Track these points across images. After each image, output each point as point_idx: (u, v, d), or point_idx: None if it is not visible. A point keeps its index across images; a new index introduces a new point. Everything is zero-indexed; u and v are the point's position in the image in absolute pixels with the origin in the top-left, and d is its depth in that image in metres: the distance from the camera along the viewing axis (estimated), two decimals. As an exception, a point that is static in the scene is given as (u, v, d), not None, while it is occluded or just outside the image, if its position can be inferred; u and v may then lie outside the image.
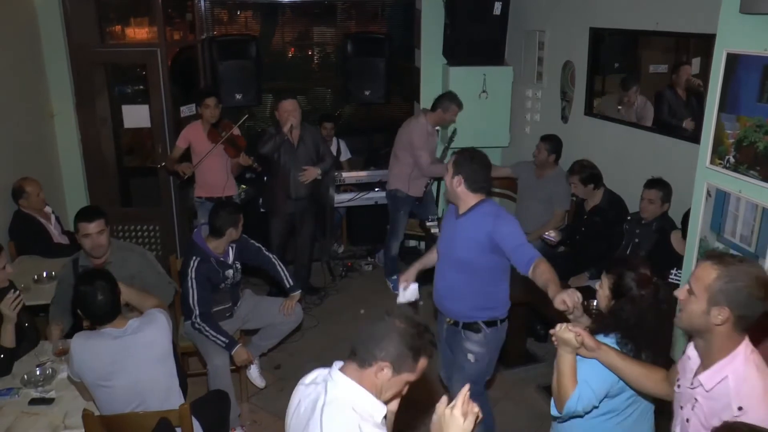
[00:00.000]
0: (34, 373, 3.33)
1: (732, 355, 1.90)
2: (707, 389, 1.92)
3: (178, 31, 6.75)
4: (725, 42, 3.03)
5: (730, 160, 3.04)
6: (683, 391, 2.05)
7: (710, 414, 1.90)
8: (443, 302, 3.46)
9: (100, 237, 3.69)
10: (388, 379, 2.00)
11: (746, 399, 1.83)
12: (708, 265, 1.91)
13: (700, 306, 1.91)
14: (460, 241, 3.25)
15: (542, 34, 5.78)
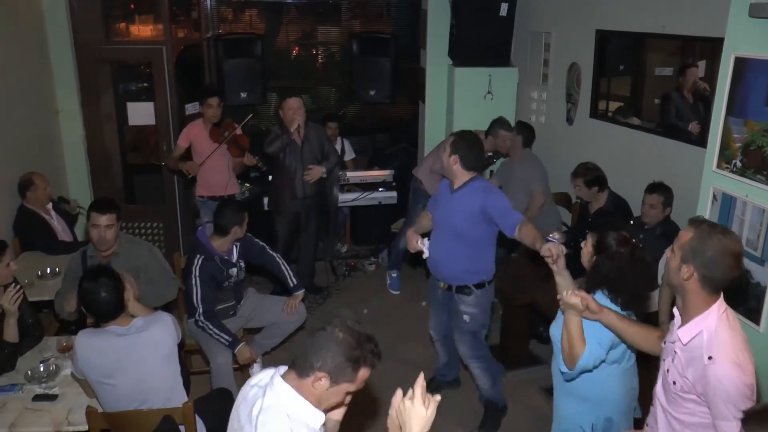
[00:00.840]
0: (37, 369, 3.34)
1: (706, 313, 2.10)
2: (684, 343, 2.14)
3: (184, 29, 6.75)
4: (734, 46, 3.02)
5: (736, 164, 3.04)
6: (666, 346, 2.29)
7: (686, 364, 2.13)
8: (438, 267, 3.88)
9: (108, 231, 3.71)
10: (325, 389, 2.00)
11: (715, 349, 2.04)
12: (688, 228, 2.16)
13: (675, 262, 2.14)
14: (456, 212, 3.69)
15: (548, 36, 5.78)
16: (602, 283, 2.66)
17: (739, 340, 2.08)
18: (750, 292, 3.03)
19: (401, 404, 1.85)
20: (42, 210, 4.91)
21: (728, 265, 2.05)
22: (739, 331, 2.10)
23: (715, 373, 2.02)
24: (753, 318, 3.04)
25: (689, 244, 2.11)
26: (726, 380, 2.01)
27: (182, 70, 6.10)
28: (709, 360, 2.04)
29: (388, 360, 4.65)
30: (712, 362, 2.04)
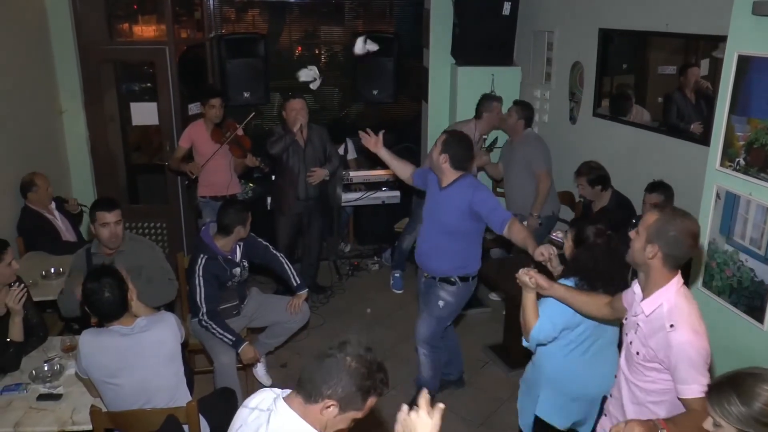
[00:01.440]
0: (42, 368, 3.35)
1: (666, 287, 2.30)
2: (647, 314, 2.33)
3: (186, 29, 6.76)
4: (737, 44, 3.02)
5: (740, 162, 3.04)
6: (629, 321, 2.48)
7: (649, 334, 2.33)
8: (426, 261, 3.96)
9: (118, 227, 3.75)
10: (333, 417, 1.96)
11: (676, 318, 2.25)
12: (652, 212, 2.33)
13: (640, 243, 2.31)
14: (445, 208, 3.77)
15: (551, 35, 5.77)
16: (580, 272, 2.88)
17: (695, 311, 2.31)
18: (753, 290, 3.03)
19: (406, 419, 1.84)
20: (45, 210, 4.92)
21: (688, 244, 2.26)
22: (695, 303, 2.34)
23: (677, 339, 2.22)
24: (756, 317, 3.03)
25: (654, 226, 2.28)
26: (687, 345, 2.22)
27: (185, 70, 6.10)
28: (671, 328, 2.25)
29: (391, 359, 4.67)
30: (673, 330, 2.24)
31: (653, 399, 2.40)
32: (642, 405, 2.44)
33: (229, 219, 4.01)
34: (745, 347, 3.12)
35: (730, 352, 3.22)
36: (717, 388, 1.88)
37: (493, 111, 5.38)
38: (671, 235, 2.25)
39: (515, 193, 5.34)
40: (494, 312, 5.56)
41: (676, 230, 2.25)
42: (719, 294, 3.25)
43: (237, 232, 4.03)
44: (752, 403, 1.79)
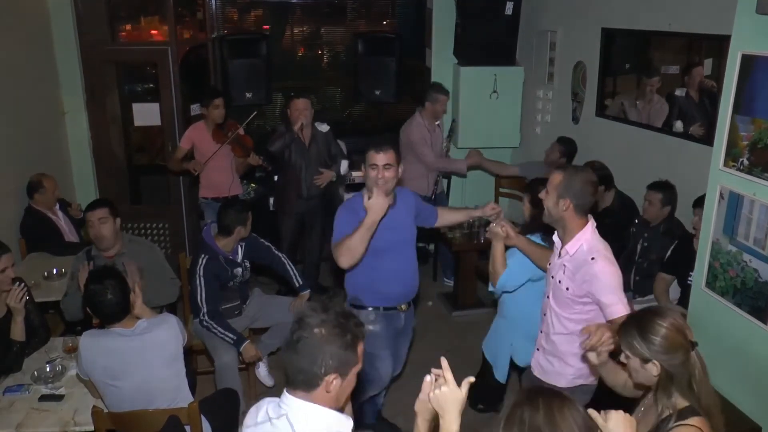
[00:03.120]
0: (44, 369, 3.35)
1: (583, 231, 2.76)
2: (571, 254, 2.78)
3: (189, 29, 6.75)
4: (740, 43, 3.01)
5: (744, 162, 3.02)
6: (554, 264, 2.91)
7: (575, 270, 2.76)
8: (405, 288, 3.60)
9: (103, 227, 3.75)
10: (339, 386, 1.92)
11: (595, 253, 2.72)
12: (556, 173, 2.77)
13: (552, 200, 2.75)
14: (404, 223, 3.51)
15: (554, 35, 5.76)
16: (538, 230, 3.32)
17: (608, 249, 2.79)
18: (757, 291, 3.01)
19: (434, 393, 1.81)
20: (49, 211, 4.92)
21: (591, 192, 2.74)
22: (606, 243, 2.82)
23: (598, 268, 2.69)
24: (760, 317, 3.02)
25: (562, 184, 2.72)
26: (607, 272, 2.69)
27: (187, 71, 6.10)
28: (592, 260, 2.71)
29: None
30: (594, 261, 2.70)
31: (576, 327, 2.78)
32: (571, 334, 2.86)
33: (230, 219, 4.01)
34: (749, 348, 3.11)
35: (734, 352, 3.21)
36: (624, 326, 2.14)
37: (437, 103, 5.47)
38: (577, 188, 2.70)
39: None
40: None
41: (581, 183, 2.71)
42: (723, 294, 3.23)
43: (238, 233, 4.03)
44: (650, 337, 2.04)
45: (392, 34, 6.54)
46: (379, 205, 3.11)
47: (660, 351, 2.02)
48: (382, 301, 3.51)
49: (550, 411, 1.59)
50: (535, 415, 1.59)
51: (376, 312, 3.50)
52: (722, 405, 3.18)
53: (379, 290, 3.47)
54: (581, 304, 2.80)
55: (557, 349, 2.95)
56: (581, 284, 2.74)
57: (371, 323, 3.45)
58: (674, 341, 2.03)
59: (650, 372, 2.07)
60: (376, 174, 3.25)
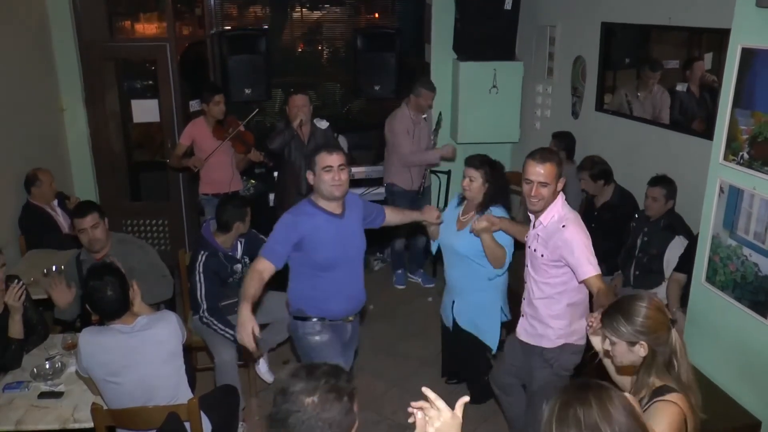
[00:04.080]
0: (43, 366, 3.35)
1: (554, 204, 3.05)
2: (545, 224, 3.07)
3: (188, 26, 6.75)
4: (740, 37, 2.99)
5: (744, 156, 3.01)
6: (530, 235, 3.19)
7: (548, 237, 3.04)
8: (359, 299, 3.49)
9: (95, 231, 3.74)
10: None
11: (566, 221, 3.01)
12: (548, 164, 2.98)
13: (552, 188, 3.00)
14: (356, 232, 3.40)
15: (553, 29, 5.75)
16: (491, 203, 3.61)
17: (578, 217, 3.09)
18: (757, 285, 3.01)
19: (433, 429, 1.64)
20: (47, 206, 4.92)
21: (561, 172, 3.05)
22: (575, 212, 3.10)
23: (569, 233, 2.97)
24: (760, 311, 3.01)
25: (556, 171, 3.00)
26: (577, 236, 2.97)
27: (187, 67, 6.09)
28: (563, 227, 2.99)
29: (394, 356, 4.67)
30: (566, 228, 2.98)
31: (557, 290, 3.12)
32: (549, 297, 3.15)
33: (228, 216, 4.00)
34: (749, 342, 3.11)
35: (734, 347, 3.21)
36: (607, 313, 2.22)
37: (421, 97, 5.44)
38: (561, 170, 3.03)
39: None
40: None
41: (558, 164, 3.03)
42: (723, 289, 3.23)
43: (236, 228, 4.02)
44: (634, 319, 2.13)
45: (392, 30, 6.53)
46: (244, 328, 2.98)
47: (645, 331, 2.12)
48: (328, 314, 3.35)
49: (602, 404, 1.56)
50: (589, 412, 1.55)
51: (322, 323, 3.34)
52: (722, 400, 3.21)
53: (324, 305, 3.32)
54: (555, 268, 3.07)
55: (539, 313, 3.19)
56: (554, 250, 3.02)
57: (317, 334, 3.33)
58: (657, 320, 2.13)
59: (638, 353, 2.16)
60: (331, 176, 3.12)
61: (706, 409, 2.23)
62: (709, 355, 3.36)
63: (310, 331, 3.33)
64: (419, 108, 5.54)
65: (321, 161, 3.15)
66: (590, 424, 1.54)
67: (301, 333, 3.36)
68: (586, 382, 1.66)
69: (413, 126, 5.55)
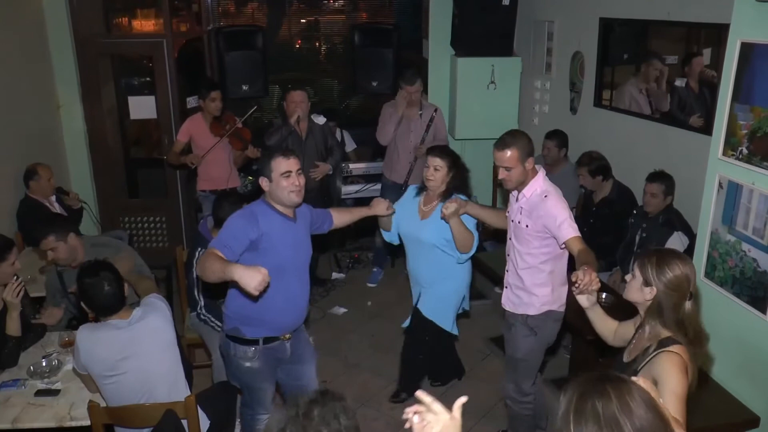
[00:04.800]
0: (40, 364, 3.34)
1: (536, 178, 3.23)
2: (528, 197, 3.23)
3: (185, 22, 6.72)
4: (740, 31, 2.98)
5: (743, 151, 3.00)
6: (513, 209, 3.34)
7: (532, 208, 3.21)
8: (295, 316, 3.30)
9: (56, 253, 3.68)
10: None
11: (547, 192, 3.18)
12: (508, 150, 3.15)
13: (520, 169, 3.17)
14: (305, 239, 3.29)
15: (551, 25, 5.73)
16: (454, 191, 3.66)
17: (558, 190, 3.24)
18: (756, 280, 3.00)
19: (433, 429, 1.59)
20: (45, 200, 4.91)
21: (531, 150, 3.23)
22: (556, 187, 3.26)
23: (551, 202, 3.15)
24: (759, 307, 3.00)
25: (519, 153, 3.15)
26: (558, 205, 3.13)
27: (184, 64, 6.07)
28: (545, 198, 3.17)
29: (390, 353, 4.66)
30: (548, 198, 3.17)
31: (540, 260, 3.28)
32: (534, 267, 3.30)
33: (224, 212, 3.96)
34: (748, 338, 3.10)
35: (733, 343, 3.20)
36: (646, 253, 2.38)
37: (403, 91, 5.36)
38: (528, 147, 3.20)
39: None
40: (496, 304, 5.51)
41: (528, 142, 3.21)
42: (722, 284, 3.22)
43: None
44: (664, 269, 2.28)
45: (389, 26, 6.51)
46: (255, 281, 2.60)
47: (663, 282, 2.28)
48: (268, 331, 3.15)
49: (621, 397, 1.50)
50: (608, 404, 1.49)
51: (256, 348, 3.14)
52: (721, 396, 3.20)
53: (268, 320, 3.11)
54: (539, 239, 3.23)
55: (524, 283, 3.34)
56: (537, 220, 3.18)
57: (249, 360, 3.16)
58: (679, 284, 2.27)
59: (645, 294, 2.34)
60: (291, 182, 2.99)
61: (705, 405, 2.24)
62: (708, 351, 3.35)
63: (242, 356, 3.15)
64: (403, 101, 5.41)
65: (278, 166, 2.98)
66: (609, 418, 1.48)
67: (233, 354, 3.17)
68: (604, 373, 1.61)
69: (400, 118, 5.46)
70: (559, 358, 4.72)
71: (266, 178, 3.01)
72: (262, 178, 3.03)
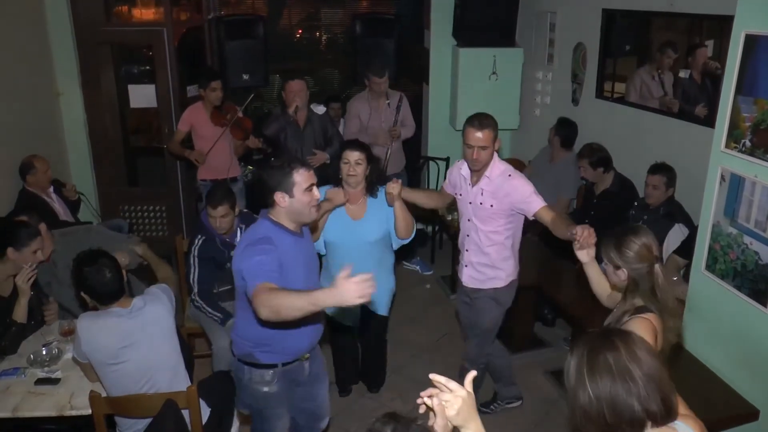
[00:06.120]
0: (40, 352, 3.34)
1: (494, 160, 3.40)
2: (491, 178, 3.39)
3: (185, 11, 6.68)
4: (744, 23, 2.96)
5: (746, 143, 2.99)
6: (472, 192, 3.47)
7: (497, 188, 3.39)
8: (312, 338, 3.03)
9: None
10: None
11: (509, 171, 3.40)
12: (481, 130, 3.30)
13: (491, 150, 3.34)
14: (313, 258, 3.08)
15: (554, 16, 5.70)
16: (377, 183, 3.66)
17: (514, 168, 3.46)
18: (758, 273, 2.99)
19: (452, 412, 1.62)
20: (43, 193, 4.89)
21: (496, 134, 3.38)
22: (509, 164, 3.48)
23: (516, 180, 3.36)
24: (761, 300, 3.00)
25: (493, 134, 3.32)
26: (523, 182, 3.37)
27: (184, 52, 6.04)
28: (509, 176, 3.37)
29: (392, 343, 4.66)
30: (512, 177, 3.37)
31: (505, 236, 3.49)
32: (499, 244, 3.50)
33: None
34: (749, 331, 3.10)
35: (733, 336, 3.20)
36: (606, 240, 2.56)
37: (371, 82, 5.46)
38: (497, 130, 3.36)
39: None
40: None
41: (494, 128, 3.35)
42: (723, 277, 3.21)
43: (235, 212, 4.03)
44: (623, 251, 2.47)
45: (391, 16, 6.47)
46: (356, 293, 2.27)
47: (629, 261, 2.47)
48: (286, 357, 2.92)
49: (629, 347, 1.62)
50: (618, 356, 1.61)
51: (274, 371, 2.91)
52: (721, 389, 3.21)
53: (288, 345, 2.89)
54: (504, 216, 3.43)
55: (491, 258, 3.54)
56: (504, 198, 3.37)
57: (267, 384, 2.92)
58: (642, 255, 2.46)
59: (620, 277, 2.53)
60: (314, 196, 2.74)
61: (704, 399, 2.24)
62: (708, 344, 3.35)
63: (259, 380, 2.91)
64: (374, 92, 5.54)
65: (302, 180, 2.69)
66: (621, 368, 1.59)
67: (248, 380, 2.93)
68: (608, 329, 1.79)
69: (370, 110, 5.56)
70: (559, 349, 4.72)
71: (285, 193, 2.67)
72: (279, 194, 2.67)
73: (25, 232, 3.54)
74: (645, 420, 1.59)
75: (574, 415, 1.65)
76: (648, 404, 1.58)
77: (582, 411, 1.62)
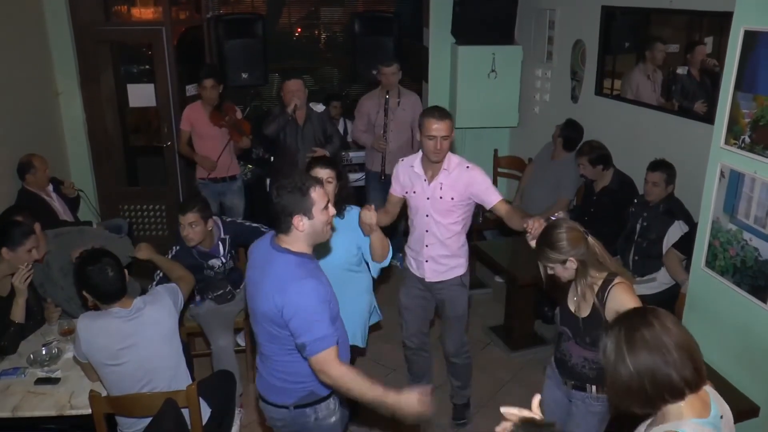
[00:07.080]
0: (40, 352, 3.34)
1: (448, 155, 3.42)
2: (450, 171, 3.43)
3: (184, 10, 6.69)
4: (743, 19, 2.96)
5: (745, 140, 2.99)
6: (424, 190, 3.50)
7: (456, 180, 3.43)
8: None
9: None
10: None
11: (466, 164, 3.46)
12: (444, 120, 3.31)
13: (448, 142, 3.36)
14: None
15: (553, 13, 5.70)
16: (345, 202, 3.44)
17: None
18: (757, 270, 2.99)
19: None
20: (42, 192, 4.89)
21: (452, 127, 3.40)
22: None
23: (476, 171, 3.45)
24: (760, 296, 2.99)
25: (451, 127, 3.35)
26: (481, 174, 3.45)
27: (183, 51, 6.04)
28: (467, 168, 3.45)
29: (390, 342, 4.66)
30: (470, 169, 3.45)
31: (461, 225, 3.57)
32: (457, 234, 3.56)
33: None
34: (749, 328, 3.09)
35: (733, 332, 3.20)
36: (538, 248, 2.70)
37: (380, 73, 5.39)
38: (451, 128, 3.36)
39: (531, 202, 5.33)
40: (496, 293, 5.54)
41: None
42: (722, 274, 3.21)
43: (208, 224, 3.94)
44: (558, 246, 2.61)
45: (390, 14, 6.48)
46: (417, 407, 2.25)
47: (569, 250, 2.60)
48: None
49: (661, 322, 1.73)
50: (653, 331, 1.71)
51: (334, 396, 2.68)
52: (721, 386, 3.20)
53: None
54: (462, 207, 3.50)
55: (451, 249, 3.60)
56: (464, 189, 3.43)
57: (334, 413, 2.70)
58: (574, 238, 2.61)
59: (571, 268, 2.64)
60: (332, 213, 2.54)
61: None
62: (708, 341, 3.34)
63: (325, 414, 2.67)
64: (385, 86, 5.40)
65: (320, 199, 2.46)
66: (657, 341, 1.70)
67: (314, 421, 2.66)
68: (642, 308, 1.89)
69: (379, 108, 5.45)
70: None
71: (304, 216, 2.41)
72: (297, 217, 2.40)
73: (19, 231, 3.55)
74: (683, 388, 1.70)
75: (616, 393, 1.76)
76: (684, 372, 1.68)
77: (624, 386, 1.72)
